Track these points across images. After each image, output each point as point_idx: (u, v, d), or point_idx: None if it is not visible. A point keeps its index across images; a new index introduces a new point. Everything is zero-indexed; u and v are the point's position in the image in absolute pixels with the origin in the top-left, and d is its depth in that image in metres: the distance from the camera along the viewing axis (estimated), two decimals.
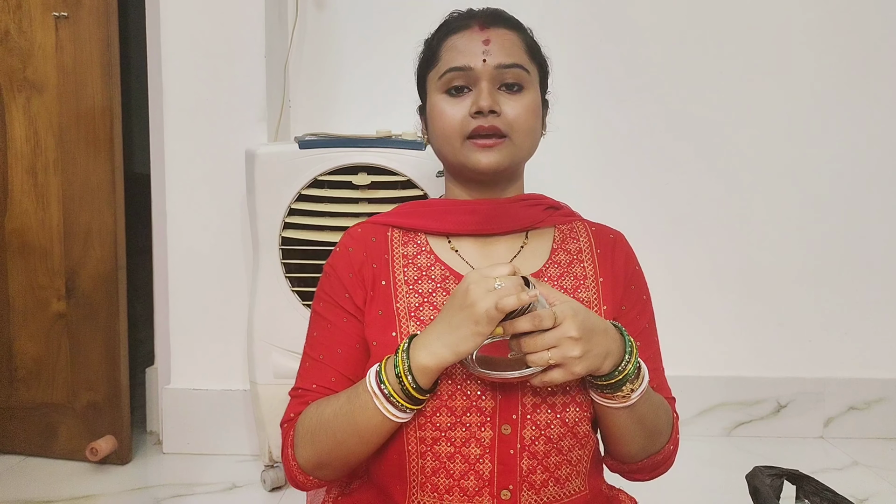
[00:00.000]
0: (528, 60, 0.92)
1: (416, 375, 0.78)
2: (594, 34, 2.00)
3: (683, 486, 1.59)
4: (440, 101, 0.91)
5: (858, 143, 2.03)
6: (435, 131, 0.93)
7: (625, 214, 2.01)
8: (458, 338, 0.76)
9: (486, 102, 0.87)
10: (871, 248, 2.06)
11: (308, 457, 0.87)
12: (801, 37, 2.01)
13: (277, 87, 1.88)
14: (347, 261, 0.93)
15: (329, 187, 1.60)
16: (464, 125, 0.88)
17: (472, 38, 0.90)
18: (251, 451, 1.89)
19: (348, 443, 0.84)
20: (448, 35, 0.92)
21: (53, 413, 1.84)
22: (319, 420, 0.86)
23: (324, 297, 0.94)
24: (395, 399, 0.79)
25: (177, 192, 1.84)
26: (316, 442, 0.86)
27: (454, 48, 0.90)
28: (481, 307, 0.74)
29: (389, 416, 0.80)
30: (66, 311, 1.82)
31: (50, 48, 1.75)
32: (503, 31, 0.91)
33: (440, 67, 0.91)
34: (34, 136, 1.78)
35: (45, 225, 1.80)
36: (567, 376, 0.76)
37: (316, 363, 0.92)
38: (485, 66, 0.88)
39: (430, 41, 0.95)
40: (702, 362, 2.06)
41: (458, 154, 0.90)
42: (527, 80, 0.90)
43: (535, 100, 0.91)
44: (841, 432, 2.05)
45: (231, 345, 1.86)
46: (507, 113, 0.88)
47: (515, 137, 0.89)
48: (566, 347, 0.75)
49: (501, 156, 0.89)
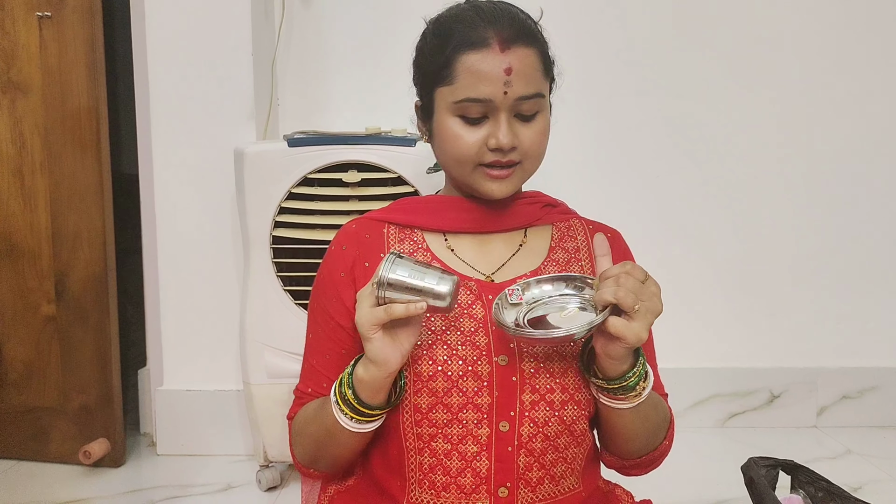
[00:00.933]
0: (544, 82, 0.88)
1: (358, 389, 0.80)
2: (588, 33, 2.00)
3: (679, 478, 1.60)
4: (454, 124, 0.87)
5: (849, 134, 2.04)
6: (445, 151, 0.90)
7: (618, 207, 2.01)
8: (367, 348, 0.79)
9: (507, 140, 0.85)
10: (861, 238, 2.06)
11: (302, 455, 0.93)
12: (796, 35, 2.01)
13: (265, 85, 1.87)
14: (340, 259, 0.93)
15: (319, 185, 1.59)
16: (479, 154, 0.87)
17: (493, 64, 0.83)
18: (246, 451, 1.88)
19: (328, 446, 0.87)
20: (464, 50, 0.85)
21: (45, 417, 1.83)
22: (305, 423, 0.91)
23: (315, 300, 0.95)
24: (345, 412, 0.81)
25: (165, 193, 1.83)
26: (304, 444, 0.91)
27: (473, 73, 0.84)
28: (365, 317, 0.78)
29: (348, 427, 0.82)
30: (55, 314, 1.80)
31: (34, 48, 1.73)
32: (523, 51, 0.85)
33: (456, 90, 0.85)
34: (20, 137, 1.76)
35: (32, 227, 1.78)
36: (632, 333, 0.74)
37: (311, 367, 0.94)
38: (505, 98, 0.84)
39: (442, 49, 0.87)
40: (695, 354, 2.07)
41: (469, 178, 0.89)
42: (542, 104, 0.88)
43: (547, 119, 0.90)
44: (834, 421, 2.06)
45: (223, 345, 1.85)
46: (524, 142, 0.87)
47: (527, 163, 0.89)
48: (653, 301, 0.76)
49: (513, 184, 0.89)
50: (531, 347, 0.85)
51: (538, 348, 0.85)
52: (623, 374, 0.80)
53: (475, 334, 0.86)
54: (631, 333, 0.74)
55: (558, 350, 0.86)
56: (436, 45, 0.88)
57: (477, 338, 0.86)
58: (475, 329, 0.87)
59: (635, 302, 0.74)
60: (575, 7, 1.98)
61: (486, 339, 0.86)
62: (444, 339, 0.86)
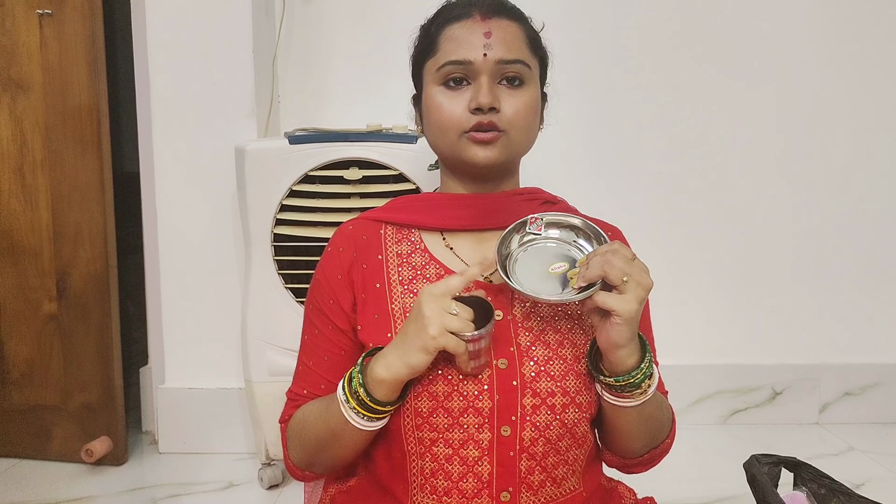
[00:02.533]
0: (529, 55, 0.89)
1: (371, 388, 0.79)
2: (587, 29, 1.99)
3: (680, 475, 1.60)
4: (437, 93, 0.88)
5: (851, 130, 2.03)
6: (431, 124, 0.91)
7: (618, 203, 2.01)
8: (411, 350, 0.77)
9: (487, 99, 0.85)
10: (864, 234, 2.06)
11: (299, 458, 0.91)
12: (795, 31, 2.00)
13: (266, 82, 1.87)
14: (337, 262, 0.92)
15: (320, 182, 1.59)
16: (462, 120, 0.87)
17: (472, 29, 0.86)
18: (248, 449, 1.88)
19: (330, 447, 0.86)
20: (447, 23, 0.89)
21: (47, 415, 1.83)
22: (303, 425, 0.89)
23: (312, 302, 0.94)
24: (359, 411, 0.80)
25: (167, 190, 1.83)
26: (303, 445, 0.90)
27: (454, 39, 0.87)
28: (433, 328, 0.76)
29: (357, 425, 0.81)
30: (57, 313, 1.80)
31: (34, 46, 1.72)
32: (505, 21, 0.88)
33: (438, 58, 0.88)
34: (21, 135, 1.76)
35: (34, 226, 1.78)
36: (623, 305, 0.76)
37: (306, 368, 0.93)
38: (485, 60, 0.85)
39: (428, 28, 0.92)
40: (697, 350, 2.06)
41: (455, 147, 0.89)
42: (527, 75, 0.88)
43: (534, 95, 0.90)
44: (836, 418, 2.06)
45: (225, 343, 1.85)
46: (506, 109, 0.86)
47: (513, 133, 0.88)
48: (641, 276, 0.77)
49: (498, 151, 0.87)
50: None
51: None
52: (630, 371, 0.80)
53: None
54: (621, 306, 0.76)
55: (558, 353, 0.85)
56: (424, 28, 0.93)
57: None
58: None
59: (622, 274, 0.76)
60: (573, 4, 1.97)
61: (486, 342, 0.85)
62: None
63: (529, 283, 0.82)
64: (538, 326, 0.87)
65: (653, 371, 0.82)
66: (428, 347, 0.76)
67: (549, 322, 0.87)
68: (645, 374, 0.80)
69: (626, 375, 0.80)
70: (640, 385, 0.80)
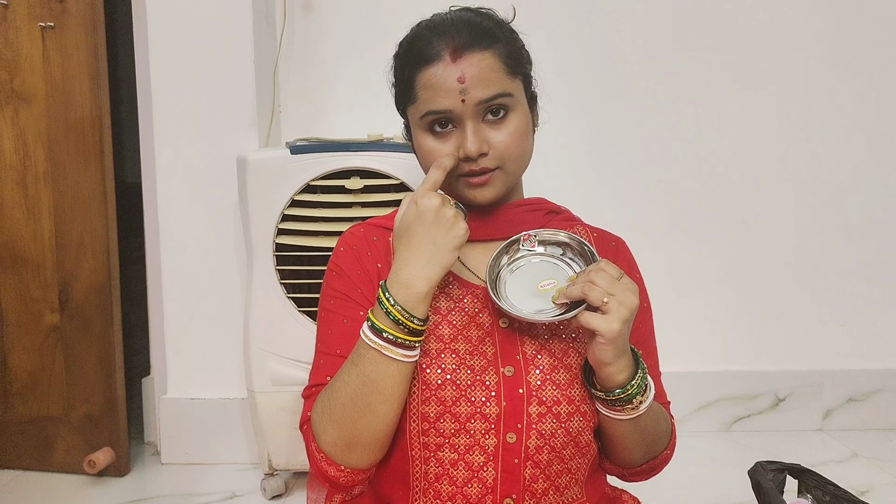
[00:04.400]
0: (508, 82, 0.86)
1: (413, 308, 0.79)
2: (586, 33, 2.00)
3: (685, 482, 1.59)
4: (426, 139, 0.88)
5: (853, 135, 2.03)
6: (424, 167, 0.91)
7: (621, 210, 2.01)
8: (446, 251, 0.80)
9: (474, 148, 0.84)
10: (866, 240, 2.06)
11: (334, 440, 0.81)
12: (795, 33, 2.01)
13: (267, 93, 1.87)
14: (354, 257, 0.92)
15: (322, 192, 1.59)
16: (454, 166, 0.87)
17: (445, 75, 0.83)
18: (250, 459, 1.88)
19: (372, 404, 0.79)
20: (419, 67, 0.86)
21: (50, 426, 1.83)
22: (333, 397, 0.82)
23: (333, 295, 0.91)
24: (402, 339, 0.78)
25: (168, 201, 1.83)
26: (337, 419, 0.81)
27: (429, 87, 0.85)
28: (461, 225, 0.81)
29: (402, 359, 0.79)
30: (59, 324, 1.80)
31: (37, 59, 1.73)
32: (477, 55, 0.84)
33: (419, 107, 0.87)
34: (23, 147, 1.77)
35: (36, 237, 1.79)
36: (605, 325, 0.76)
37: (332, 357, 0.88)
38: (464, 105, 0.84)
39: (402, 70, 0.89)
40: (699, 357, 2.06)
41: (452, 189, 0.90)
42: (511, 103, 0.86)
43: (522, 118, 0.88)
44: (840, 424, 2.06)
45: (227, 353, 1.85)
46: (496, 146, 0.86)
47: (508, 166, 0.88)
48: (625, 295, 0.77)
49: (496, 188, 0.88)
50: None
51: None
52: (620, 386, 0.80)
53: (483, 343, 0.86)
54: (603, 326, 0.76)
55: (563, 361, 0.86)
56: (398, 68, 0.91)
57: (485, 347, 0.86)
58: (482, 338, 0.86)
59: (603, 295, 0.76)
60: (570, 7, 1.98)
61: (493, 349, 0.86)
62: (453, 347, 0.85)
63: (519, 300, 0.83)
64: (544, 335, 0.87)
65: (646, 386, 0.82)
66: (459, 244, 0.81)
67: (554, 331, 0.88)
68: (637, 389, 0.80)
69: (618, 391, 0.80)
70: (631, 400, 0.81)
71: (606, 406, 0.83)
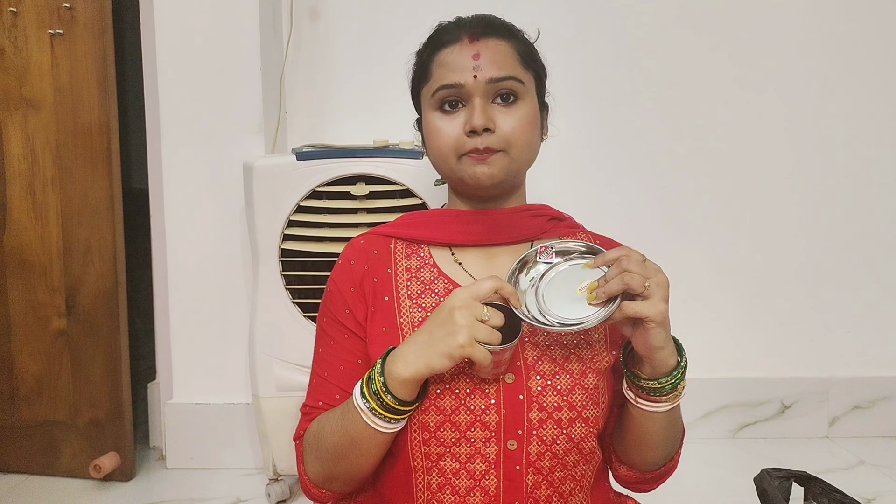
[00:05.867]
0: (521, 70, 0.89)
1: (393, 388, 0.79)
2: (592, 37, 2.00)
3: (691, 489, 1.59)
4: (434, 118, 0.90)
5: (859, 141, 2.03)
6: (431, 148, 0.92)
7: (625, 216, 2.01)
8: (435, 354, 0.77)
9: (480, 121, 0.85)
10: (872, 246, 2.06)
11: (316, 472, 0.89)
12: (801, 36, 2.01)
13: (274, 99, 1.88)
14: (349, 275, 0.93)
15: (327, 198, 1.60)
16: (459, 143, 0.87)
17: (461, 53, 0.87)
18: (255, 464, 1.88)
19: (349, 456, 0.84)
20: (438, 49, 0.90)
21: (56, 431, 1.84)
22: (320, 436, 0.87)
23: (326, 314, 0.94)
24: (379, 412, 0.79)
25: (175, 207, 1.84)
26: (321, 458, 0.88)
27: (444, 64, 0.88)
28: (462, 336, 0.75)
29: (378, 428, 0.80)
30: (66, 328, 1.81)
31: (46, 66, 1.75)
32: (494, 41, 0.88)
33: (432, 84, 0.89)
34: (31, 153, 1.78)
35: (44, 242, 1.80)
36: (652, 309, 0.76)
37: (321, 381, 0.92)
38: (476, 81, 0.86)
39: (421, 55, 0.94)
40: (705, 364, 2.05)
41: (456, 169, 0.89)
42: (521, 90, 0.88)
43: (531, 110, 0.89)
44: (846, 432, 2.05)
45: (233, 358, 1.86)
46: (503, 127, 0.87)
47: (512, 151, 0.88)
48: (658, 276, 0.77)
49: (498, 167, 0.87)
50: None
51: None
52: (671, 371, 0.81)
53: None
54: (651, 310, 0.76)
55: (564, 367, 0.85)
56: (418, 55, 0.95)
57: None
58: None
59: (643, 280, 0.76)
60: (579, 10, 1.99)
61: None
62: None
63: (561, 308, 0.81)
64: (545, 341, 0.87)
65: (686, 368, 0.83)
66: (454, 355, 0.76)
67: (555, 337, 0.88)
68: (684, 372, 0.82)
69: (668, 376, 0.81)
70: (676, 386, 0.82)
71: (650, 397, 0.83)
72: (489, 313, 0.77)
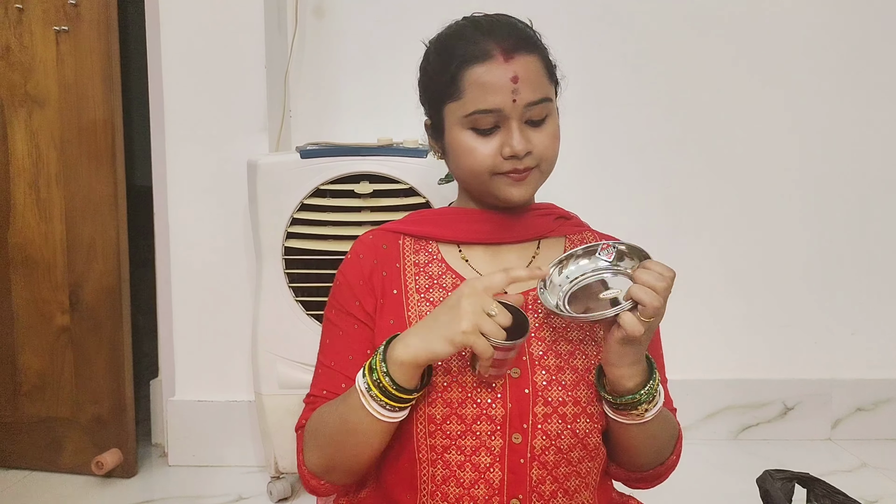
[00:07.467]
0: (549, 86, 0.89)
1: (392, 371, 0.78)
2: (596, 37, 2.00)
3: (692, 490, 1.59)
4: (466, 137, 0.87)
5: (864, 142, 2.03)
6: (461, 166, 0.90)
7: (629, 217, 2.01)
8: (437, 337, 0.76)
9: (522, 147, 0.85)
10: (876, 248, 2.05)
11: (315, 461, 0.88)
12: (805, 37, 2.01)
13: (278, 97, 1.89)
14: (358, 268, 0.93)
15: (331, 196, 1.60)
16: (495, 164, 0.87)
17: (498, 75, 0.84)
18: (257, 462, 1.88)
19: (347, 444, 0.83)
20: (469, 64, 0.85)
21: (58, 427, 1.84)
22: (320, 424, 0.87)
23: (335, 305, 0.94)
24: (378, 397, 0.79)
25: (179, 204, 1.84)
26: (320, 446, 0.87)
27: (480, 85, 0.84)
28: (466, 323, 0.75)
29: (378, 415, 0.80)
30: (69, 325, 1.81)
31: (51, 62, 1.75)
32: (526, 58, 0.85)
33: (465, 104, 0.86)
34: (36, 150, 1.78)
35: (48, 239, 1.80)
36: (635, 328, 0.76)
37: (327, 370, 0.92)
38: (514, 105, 0.84)
39: (446, 67, 0.87)
40: (708, 365, 2.05)
41: (487, 186, 0.89)
42: (550, 107, 0.89)
43: (556, 123, 0.90)
44: (849, 434, 2.04)
45: (235, 356, 1.86)
46: (537, 147, 0.87)
47: (543, 166, 0.89)
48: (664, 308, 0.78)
49: (532, 187, 0.89)
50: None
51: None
52: (632, 392, 0.80)
53: None
54: (636, 330, 0.76)
55: (569, 363, 0.86)
56: (440, 64, 0.89)
57: None
58: None
59: (658, 312, 0.76)
60: (583, 12, 1.99)
61: None
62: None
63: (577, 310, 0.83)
64: (550, 337, 0.88)
65: (655, 395, 0.82)
66: (455, 341, 0.75)
67: (561, 333, 0.88)
68: (646, 397, 0.81)
69: (626, 397, 0.81)
70: (636, 407, 0.81)
71: (614, 410, 0.83)
72: (497, 309, 0.77)
